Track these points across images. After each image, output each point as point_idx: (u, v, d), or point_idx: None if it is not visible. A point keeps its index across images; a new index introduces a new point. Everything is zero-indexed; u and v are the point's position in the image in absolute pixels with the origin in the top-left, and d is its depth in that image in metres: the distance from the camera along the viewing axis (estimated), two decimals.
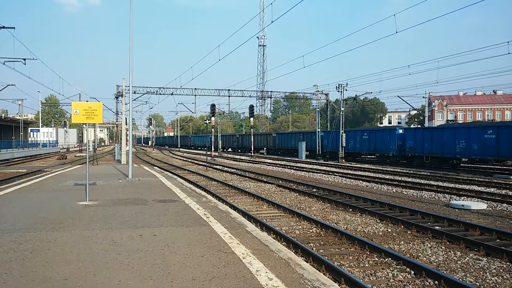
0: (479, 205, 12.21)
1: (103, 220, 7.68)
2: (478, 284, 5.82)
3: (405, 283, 5.72)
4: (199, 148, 73.38)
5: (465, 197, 13.94)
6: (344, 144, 35.79)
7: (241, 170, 26.11)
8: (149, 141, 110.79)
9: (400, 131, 31.13)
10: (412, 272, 6.12)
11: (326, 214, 10.96)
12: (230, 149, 64.49)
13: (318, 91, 42.30)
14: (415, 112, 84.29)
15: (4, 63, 26.87)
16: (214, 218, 8.00)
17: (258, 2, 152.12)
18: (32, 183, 14.30)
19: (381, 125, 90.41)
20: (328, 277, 5.21)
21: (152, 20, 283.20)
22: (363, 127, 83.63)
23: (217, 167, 29.02)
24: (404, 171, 24.46)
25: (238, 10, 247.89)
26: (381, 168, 26.67)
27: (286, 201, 13.32)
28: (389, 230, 9.17)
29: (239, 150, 60.01)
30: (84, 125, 50.78)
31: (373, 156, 36.20)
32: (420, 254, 7.25)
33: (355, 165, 29.92)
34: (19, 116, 65.44)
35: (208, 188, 15.99)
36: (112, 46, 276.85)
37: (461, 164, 28.81)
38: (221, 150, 56.35)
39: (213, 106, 41.72)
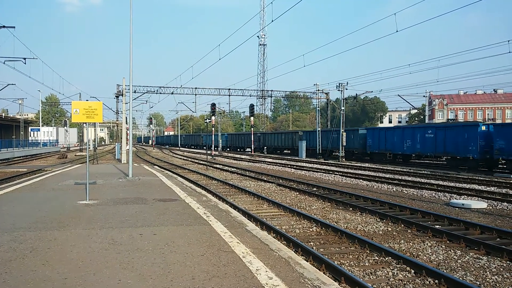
0: (480, 204, 12.20)
1: (103, 219, 7.69)
2: (478, 283, 5.81)
3: (405, 282, 5.71)
4: (216, 148, 68.86)
5: (465, 196, 13.93)
6: (344, 143, 35.72)
7: (241, 169, 26.09)
8: (150, 141, 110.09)
9: (484, 127, 24.55)
10: (412, 271, 6.12)
11: (326, 213, 10.96)
12: (248, 149, 58.86)
13: (318, 90, 42.31)
14: (416, 111, 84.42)
15: (4, 63, 26.91)
16: (214, 217, 8.00)
17: (258, 1, 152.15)
18: (33, 182, 14.30)
19: (382, 124, 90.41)
20: (328, 276, 5.21)
21: (152, 19, 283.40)
22: (361, 126, 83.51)
23: (217, 166, 29.02)
24: (404, 170, 24.45)
25: (238, 9, 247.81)
26: (381, 167, 26.67)
27: (286, 200, 13.31)
28: (389, 229, 9.16)
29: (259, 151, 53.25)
30: (84, 124, 50.76)
31: (442, 159, 30.11)
32: (420, 253, 7.25)
33: (355, 164, 29.91)
34: (20, 115, 65.47)
35: (208, 187, 15.98)
36: (112, 45, 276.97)
37: None
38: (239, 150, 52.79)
39: (213, 105, 41.75)
